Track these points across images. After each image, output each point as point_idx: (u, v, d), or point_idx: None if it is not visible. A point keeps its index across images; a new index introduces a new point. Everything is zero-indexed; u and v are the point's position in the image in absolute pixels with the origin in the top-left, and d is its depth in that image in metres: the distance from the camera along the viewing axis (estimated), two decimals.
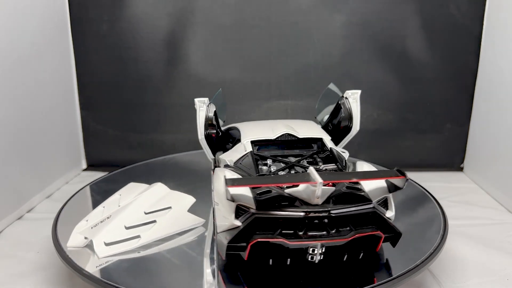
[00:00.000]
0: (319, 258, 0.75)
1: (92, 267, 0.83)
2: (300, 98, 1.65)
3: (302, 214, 0.72)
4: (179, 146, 1.67)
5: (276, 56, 1.61)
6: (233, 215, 0.74)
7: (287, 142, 0.99)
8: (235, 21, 1.58)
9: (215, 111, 1.07)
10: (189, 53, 1.61)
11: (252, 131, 1.03)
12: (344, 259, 0.79)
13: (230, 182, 0.71)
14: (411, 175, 1.33)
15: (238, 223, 0.74)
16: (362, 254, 0.79)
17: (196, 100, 1.05)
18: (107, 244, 0.90)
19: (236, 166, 0.92)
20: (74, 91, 1.66)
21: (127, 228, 0.94)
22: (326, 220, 0.73)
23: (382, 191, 0.77)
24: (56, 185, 1.51)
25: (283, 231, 0.73)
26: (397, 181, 0.75)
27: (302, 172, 0.86)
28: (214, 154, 1.08)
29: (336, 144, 1.10)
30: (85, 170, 1.74)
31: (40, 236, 1.16)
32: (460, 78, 1.61)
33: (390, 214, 0.79)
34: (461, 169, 1.71)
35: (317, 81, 1.63)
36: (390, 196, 0.79)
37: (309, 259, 0.76)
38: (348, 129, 1.11)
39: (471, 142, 1.65)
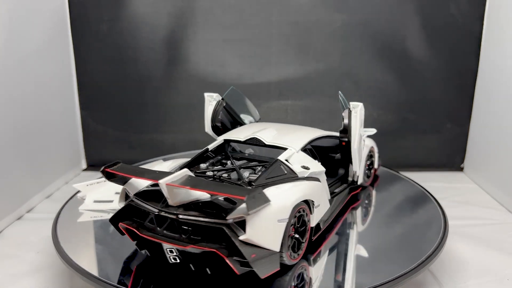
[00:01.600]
0: (172, 260, 0.77)
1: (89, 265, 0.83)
2: (300, 98, 1.65)
3: (156, 211, 0.75)
4: (179, 146, 1.67)
5: (276, 56, 1.61)
6: (119, 197, 0.85)
7: (254, 146, 0.99)
8: (235, 21, 1.58)
9: (226, 106, 1.15)
10: (189, 53, 1.61)
11: (237, 131, 1.05)
12: (192, 268, 0.76)
13: (106, 167, 0.79)
14: (411, 175, 1.34)
15: (121, 205, 0.83)
16: (208, 269, 0.75)
17: (205, 94, 1.17)
18: (95, 201, 1.07)
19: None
20: (74, 91, 1.66)
21: (115, 193, 1.07)
22: (187, 226, 0.72)
23: (243, 210, 0.68)
24: (56, 185, 1.51)
25: (148, 222, 0.77)
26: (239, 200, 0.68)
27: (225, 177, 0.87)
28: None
29: (348, 163, 1.07)
30: (85, 170, 1.74)
31: (40, 236, 1.16)
32: (460, 78, 1.61)
33: (243, 236, 0.69)
34: (461, 169, 1.71)
35: (317, 81, 1.63)
36: (248, 217, 0.69)
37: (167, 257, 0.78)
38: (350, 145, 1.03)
39: (471, 142, 1.65)
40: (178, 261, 0.77)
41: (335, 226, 0.99)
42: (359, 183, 1.14)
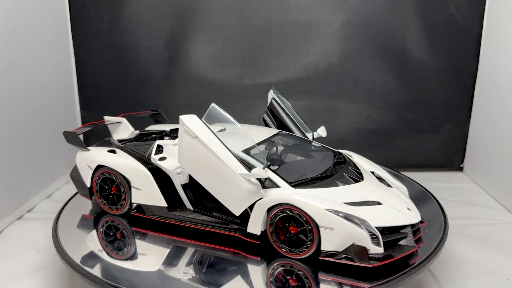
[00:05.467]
0: None
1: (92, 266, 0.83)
2: (300, 98, 1.65)
3: None
4: None
5: (276, 56, 1.61)
6: None
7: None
8: (235, 21, 1.58)
9: (270, 106, 1.17)
10: (189, 53, 1.61)
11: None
12: None
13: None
14: (411, 175, 1.34)
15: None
16: None
17: (272, 89, 1.21)
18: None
19: None
20: (74, 91, 1.66)
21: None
22: None
23: None
24: (56, 185, 1.51)
25: None
26: None
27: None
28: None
29: None
30: None
31: (40, 236, 1.16)
32: (460, 78, 1.61)
33: None
34: (461, 169, 1.71)
35: (317, 81, 1.63)
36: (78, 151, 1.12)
37: None
38: None
39: (471, 142, 1.65)
40: None
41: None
42: (248, 230, 0.89)
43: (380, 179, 0.99)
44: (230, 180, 0.85)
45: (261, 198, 0.86)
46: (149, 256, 0.89)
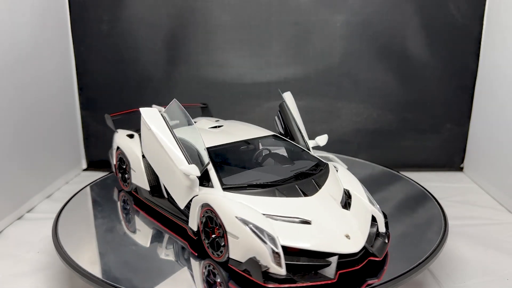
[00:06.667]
0: None
1: (91, 266, 0.83)
2: (300, 98, 1.64)
3: None
4: None
5: (276, 56, 1.61)
6: None
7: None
8: (235, 21, 1.58)
9: (279, 110, 1.17)
10: (189, 53, 1.61)
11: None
12: None
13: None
14: (411, 175, 1.34)
15: None
16: None
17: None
18: None
19: None
20: (74, 91, 1.66)
21: None
22: None
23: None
24: (56, 185, 1.51)
25: None
26: None
27: None
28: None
29: None
30: (85, 170, 1.74)
31: (40, 236, 1.16)
32: (460, 78, 1.62)
33: None
34: (461, 169, 1.71)
35: (317, 81, 1.63)
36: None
37: None
38: None
39: (471, 142, 1.65)
40: None
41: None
42: (189, 224, 0.91)
43: (349, 198, 0.90)
44: (174, 173, 0.90)
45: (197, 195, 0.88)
46: (142, 232, 1.00)
